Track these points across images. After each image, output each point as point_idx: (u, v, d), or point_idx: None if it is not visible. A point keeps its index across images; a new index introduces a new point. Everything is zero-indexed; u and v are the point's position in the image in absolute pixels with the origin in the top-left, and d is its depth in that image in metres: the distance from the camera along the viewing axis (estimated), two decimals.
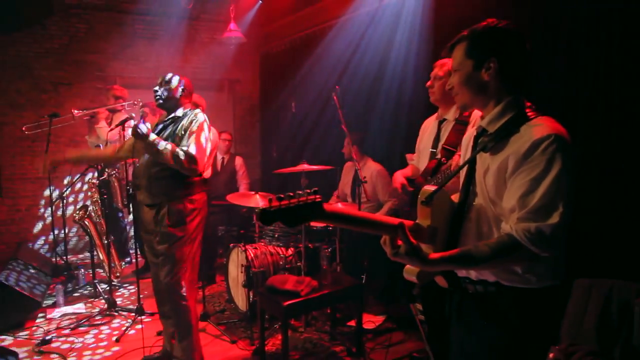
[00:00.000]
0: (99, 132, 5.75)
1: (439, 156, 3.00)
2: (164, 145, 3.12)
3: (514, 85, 1.61)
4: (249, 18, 7.47)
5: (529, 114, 1.57)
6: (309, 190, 1.36)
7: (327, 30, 6.37)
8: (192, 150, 3.13)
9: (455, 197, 1.75)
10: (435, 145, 3.08)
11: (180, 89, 3.36)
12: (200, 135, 3.21)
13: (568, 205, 1.44)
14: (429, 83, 3.07)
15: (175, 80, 3.35)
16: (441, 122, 3.10)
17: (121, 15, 7.19)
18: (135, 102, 5.46)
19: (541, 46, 3.44)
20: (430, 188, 1.65)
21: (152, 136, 3.14)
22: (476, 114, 2.89)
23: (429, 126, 3.26)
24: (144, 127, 3.13)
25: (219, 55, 7.95)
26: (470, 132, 1.82)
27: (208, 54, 7.96)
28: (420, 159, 3.26)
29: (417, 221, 1.66)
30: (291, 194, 1.32)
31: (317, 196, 1.36)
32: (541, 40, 3.47)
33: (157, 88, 3.34)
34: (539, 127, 1.50)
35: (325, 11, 6.44)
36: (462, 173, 1.76)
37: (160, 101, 3.34)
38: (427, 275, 1.66)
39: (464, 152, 1.84)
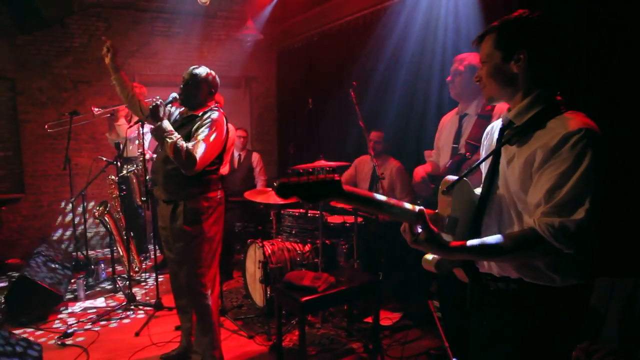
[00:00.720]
0: (118, 130, 5.79)
1: (462, 151, 2.95)
2: (172, 135, 2.99)
3: (544, 78, 1.57)
4: (266, 15, 7.47)
5: (559, 107, 1.53)
6: (328, 168, 1.37)
7: (344, 27, 6.34)
8: (193, 147, 3.00)
9: (478, 189, 1.73)
10: (456, 140, 3.03)
11: (206, 88, 3.23)
12: (209, 135, 3.07)
13: (595, 202, 1.40)
14: (449, 78, 3.02)
15: (201, 77, 3.21)
16: (462, 117, 3.05)
17: (139, 13, 7.25)
18: (154, 100, 5.49)
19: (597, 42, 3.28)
20: (451, 178, 1.64)
21: (166, 122, 3.02)
22: (499, 108, 2.84)
23: (447, 122, 3.21)
24: (162, 109, 3.03)
25: (236, 52, 7.97)
26: (494, 124, 1.79)
27: (225, 51, 7.99)
28: (440, 155, 3.21)
29: (437, 211, 1.66)
30: (310, 169, 1.32)
31: (336, 175, 1.36)
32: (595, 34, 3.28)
33: (182, 85, 3.21)
34: (569, 121, 1.47)
35: (342, 7, 6.40)
36: (485, 165, 1.73)
37: (186, 100, 3.23)
38: (446, 265, 1.65)
39: (488, 144, 1.81)
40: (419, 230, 1.49)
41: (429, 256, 1.65)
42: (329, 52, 6.63)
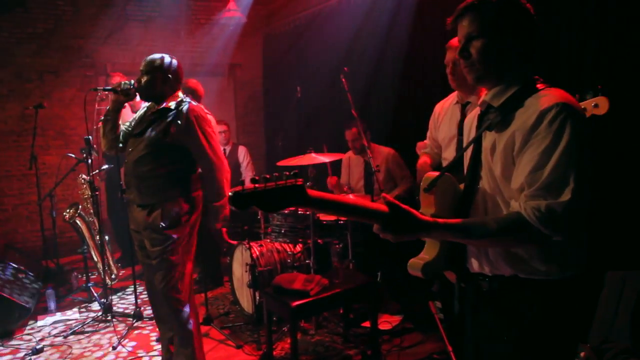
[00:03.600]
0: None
1: None
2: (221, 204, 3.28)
3: (524, 58, 1.63)
4: None
5: (536, 86, 1.59)
6: (288, 173, 1.36)
7: (335, 8, 6.38)
8: (215, 158, 3.23)
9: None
10: (462, 131, 3.06)
11: (160, 76, 3.25)
12: (212, 140, 3.25)
13: (582, 180, 1.44)
14: (449, 70, 3.03)
15: (160, 65, 3.25)
16: (464, 105, 3.07)
17: None
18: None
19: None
20: (433, 174, 1.69)
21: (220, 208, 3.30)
22: None
23: (444, 112, 3.24)
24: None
25: (218, 37, 8.00)
26: (473, 113, 1.85)
27: (206, 36, 8.02)
28: (446, 148, 3.23)
29: (420, 210, 1.68)
30: (267, 176, 1.32)
31: (298, 180, 1.36)
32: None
33: (139, 77, 3.25)
34: (545, 98, 1.52)
35: None
36: (467, 156, 1.78)
37: (143, 93, 3.29)
38: (434, 269, 1.69)
39: (467, 133, 1.86)
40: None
41: (415, 261, 1.68)
42: (319, 35, 6.67)
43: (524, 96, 1.58)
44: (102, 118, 3.40)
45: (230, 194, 1.30)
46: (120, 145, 3.44)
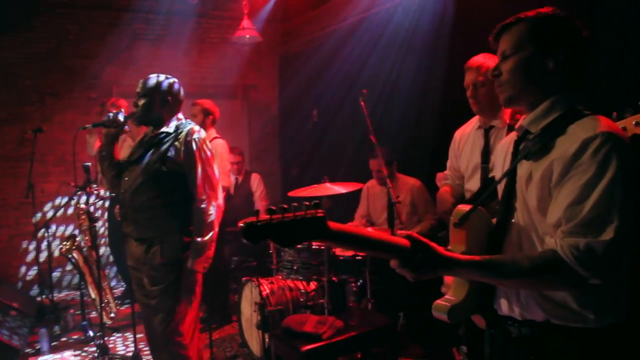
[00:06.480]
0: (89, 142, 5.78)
1: (493, 173, 2.94)
2: (205, 241, 3.19)
3: (571, 81, 1.61)
4: (265, 14, 7.57)
5: (580, 111, 1.56)
6: (308, 203, 1.31)
7: (355, 27, 6.43)
8: (207, 187, 3.18)
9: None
10: (485, 159, 3.01)
11: (158, 98, 3.23)
12: (208, 167, 3.21)
13: (627, 218, 1.40)
14: (469, 93, 3.00)
15: (158, 86, 3.23)
16: (488, 130, 3.04)
17: (118, 13, 7.34)
18: None
19: None
20: (464, 208, 1.65)
21: (199, 247, 3.19)
22: None
23: (465, 138, 3.21)
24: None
25: (232, 57, 8.09)
26: (508, 138, 1.81)
27: (219, 56, 8.12)
28: (469, 178, 3.19)
29: (449, 247, 1.65)
30: (285, 206, 1.28)
31: (319, 210, 1.31)
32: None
33: (136, 100, 3.23)
34: (589, 125, 1.49)
35: (352, 5, 6.49)
36: (501, 186, 1.74)
37: (140, 117, 3.27)
38: (461, 312, 1.65)
39: (502, 159, 1.83)
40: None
41: (440, 303, 1.65)
42: (338, 56, 6.71)
43: (566, 122, 1.55)
44: (98, 155, 3.41)
45: (242, 225, 1.24)
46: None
